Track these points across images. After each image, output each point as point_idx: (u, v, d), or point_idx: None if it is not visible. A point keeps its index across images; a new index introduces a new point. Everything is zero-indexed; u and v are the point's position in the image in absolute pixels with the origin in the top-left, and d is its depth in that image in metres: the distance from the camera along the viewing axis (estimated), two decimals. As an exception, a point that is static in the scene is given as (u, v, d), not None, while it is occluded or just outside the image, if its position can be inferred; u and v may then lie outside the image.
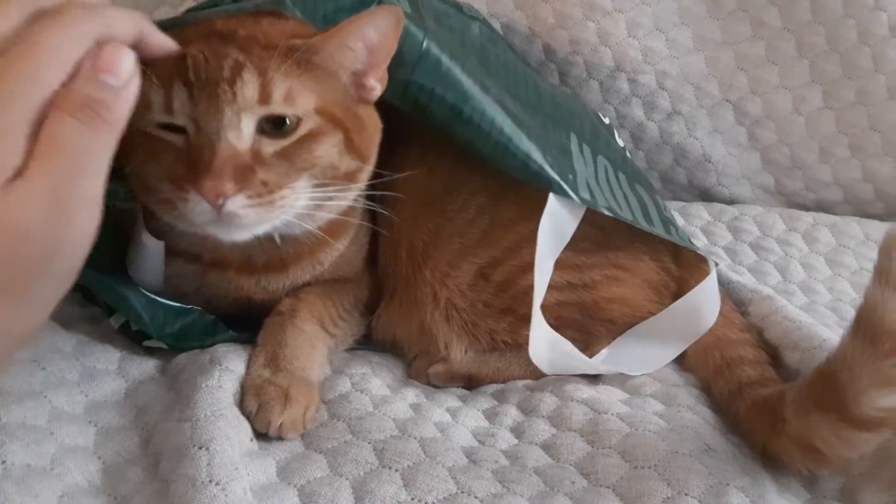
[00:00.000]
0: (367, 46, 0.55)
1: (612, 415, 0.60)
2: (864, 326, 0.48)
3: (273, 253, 0.63)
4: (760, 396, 0.60)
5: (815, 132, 1.02)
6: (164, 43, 0.45)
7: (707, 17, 0.99)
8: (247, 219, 0.51)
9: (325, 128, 0.54)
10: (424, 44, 0.59)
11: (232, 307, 0.66)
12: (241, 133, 0.50)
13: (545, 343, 0.65)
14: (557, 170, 0.63)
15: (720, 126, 1.04)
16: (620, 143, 0.88)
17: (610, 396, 0.64)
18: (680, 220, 0.99)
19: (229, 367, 0.57)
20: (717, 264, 0.78)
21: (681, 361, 0.71)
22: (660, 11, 0.98)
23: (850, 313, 0.82)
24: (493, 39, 0.78)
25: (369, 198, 0.70)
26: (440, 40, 0.60)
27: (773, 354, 0.68)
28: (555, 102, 0.76)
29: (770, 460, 0.56)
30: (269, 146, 0.52)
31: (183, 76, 0.50)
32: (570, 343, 0.65)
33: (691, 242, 0.76)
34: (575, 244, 0.69)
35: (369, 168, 0.60)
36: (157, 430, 0.53)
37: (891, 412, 0.48)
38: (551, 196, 0.63)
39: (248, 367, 0.59)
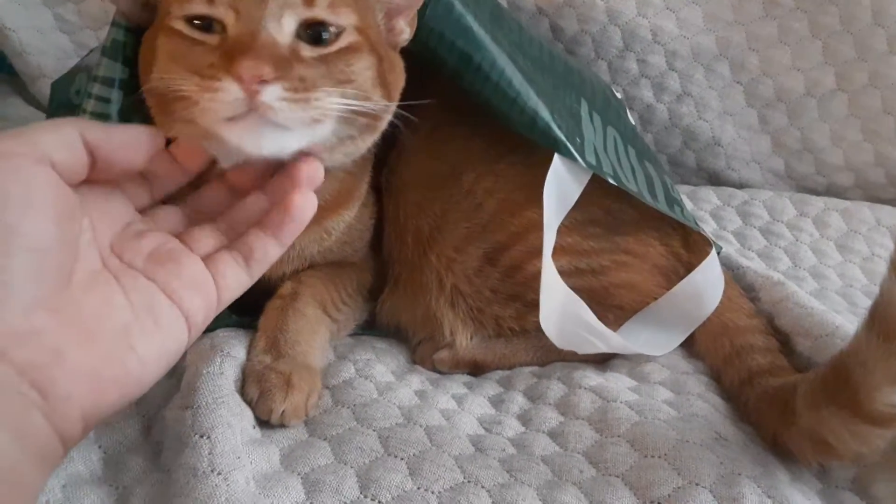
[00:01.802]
0: None
1: (621, 403, 0.59)
2: (879, 322, 0.47)
3: None
4: (771, 387, 0.59)
5: (827, 115, 1.01)
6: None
7: (719, -5, 0.97)
8: (281, 115, 0.46)
9: (364, 46, 0.53)
10: None
11: None
12: (281, 28, 0.49)
13: (556, 307, 0.63)
14: (565, 131, 0.62)
15: (730, 108, 1.02)
16: (632, 120, 0.86)
17: (618, 384, 0.63)
18: (689, 205, 0.97)
19: (231, 353, 0.56)
20: (720, 248, 0.76)
21: (690, 348, 0.70)
22: (670, -10, 0.96)
23: (861, 299, 0.82)
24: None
25: (374, 177, 0.69)
26: None
27: (784, 341, 0.67)
28: (567, 68, 0.75)
29: (781, 450, 0.56)
30: (308, 51, 0.50)
31: None
32: (582, 302, 0.63)
33: (697, 224, 0.75)
34: (583, 229, 0.68)
35: (391, 113, 0.57)
36: (158, 418, 0.52)
37: (904, 409, 0.47)
38: (556, 157, 0.62)
39: (249, 352, 0.58)
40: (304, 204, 0.47)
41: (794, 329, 0.67)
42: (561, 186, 0.63)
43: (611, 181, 0.64)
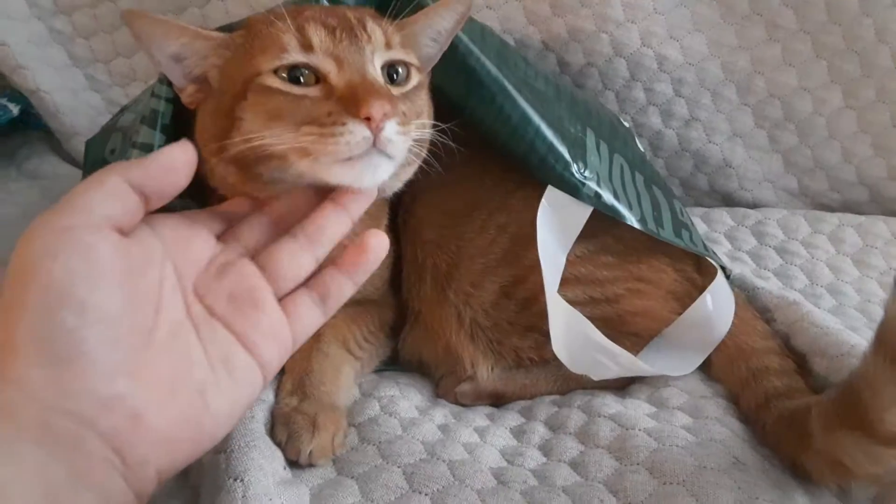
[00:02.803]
0: (441, 30, 0.61)
1: (640, 430, 0.60)
2: (884, 344, 0.48)
3: None
4: (787, 410, 0.60)
5: (836, 132, 1.01)
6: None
7: (721, 22, 0.98)
8: (395, 147, 0.50)
9: (424, 83, 0.59)
10: None
11: None
12: (376, 70, 0.53)
13: (564, 329, 0.65)
14: (565, 160, 0.65)
15: (740, 130, 1.03)
16: (640, 147, 0.88)
17: (637, 411, 0.64)
18: (703, 227, 0.98)
19: (260, 396, 0.59)
20: (730, 273, 0.77)
21: (708, 372, 0.71)
22: (673, 19, 0.98)
23: (880, 315, 0.81)
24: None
25: (391, 219, 0.72)
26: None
27: (801, 362, 0.68)
28: (573, 100, 0.77)
29: (800, 472, 0.56)
30: (393, 89, 0.54)
31: (318, 20, 0.53)
32: (587, 321, 0.65)
33: (706, 248, 0.76)
34: (596, 258, 0.69)
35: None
36: (195, 462, 0.54)
37: (914, 429, 0.48)
38: (549, 188, 0.65)
39: (277, 395, 0.60)
40: (379, 244, 0.49)
41: (810, 349, 0.68)
42: (560, 216, 0.66)
43: (608, 213, 0.66)
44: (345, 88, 0.50)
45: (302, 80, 0.51)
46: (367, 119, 0.48)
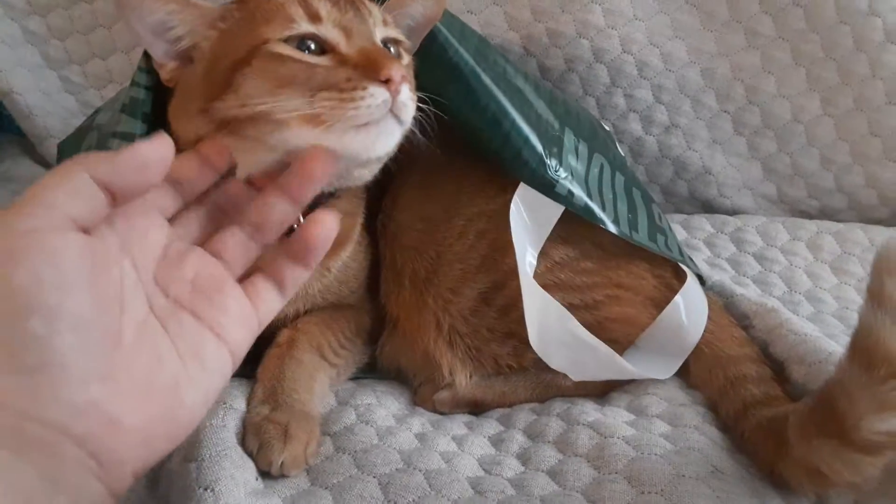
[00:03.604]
0: (415, 15, 0.62)
1: (618, 438, 0.60)
2: (859, 352, 0.48)
3: None
4: (765, 418, 0.60)
5: (815, 140, 1.02)
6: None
7: (701, 29, 0.99)
8: (408, 112, 0.52)
9: (411, 65, 0.60)
10: None
11: None
12: (380, 42, 0.55)
13: (538, 316, 0.65)
14: (539, 156, 0.65)
15: (719, 137, 1.03)
16: (621, 151, 0.88)
17: (616, 419, 0.64)
18: (683, 233, 0.98)
19: (233, 405, 0.58)
20: (705, 281, 0.77)
21: (686, 379, 0.71)
22: (653, 26, 0.98)
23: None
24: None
25: (369, 222, 0.71)
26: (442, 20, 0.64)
27: (779, 369, 0.68)
28: (552, 98, 0.76)
29: (778, 480, 0.56)
30: None
31: None
32: (567, 313, 0.65)
33: (682, 254, 0.76)
34: (575, 265, 0.69)
35: None
36: (164, 471, 0.53)
37: (891, 436, 0.48)
38: (521, 185, 0.65)
39: (248, 403, 0.59)
40: (323, 232, 0.47)
41: (788, 356, 0.68)
42: (532, 213, 0.66)
43: (580, 213, 0.66)
44: (358, 56, 0.51)
45: (308, 52, 0.51)
46: (386, 82, 0.49)
